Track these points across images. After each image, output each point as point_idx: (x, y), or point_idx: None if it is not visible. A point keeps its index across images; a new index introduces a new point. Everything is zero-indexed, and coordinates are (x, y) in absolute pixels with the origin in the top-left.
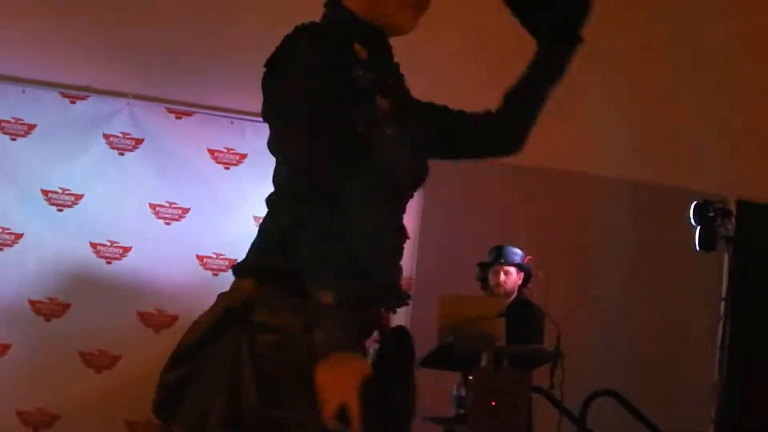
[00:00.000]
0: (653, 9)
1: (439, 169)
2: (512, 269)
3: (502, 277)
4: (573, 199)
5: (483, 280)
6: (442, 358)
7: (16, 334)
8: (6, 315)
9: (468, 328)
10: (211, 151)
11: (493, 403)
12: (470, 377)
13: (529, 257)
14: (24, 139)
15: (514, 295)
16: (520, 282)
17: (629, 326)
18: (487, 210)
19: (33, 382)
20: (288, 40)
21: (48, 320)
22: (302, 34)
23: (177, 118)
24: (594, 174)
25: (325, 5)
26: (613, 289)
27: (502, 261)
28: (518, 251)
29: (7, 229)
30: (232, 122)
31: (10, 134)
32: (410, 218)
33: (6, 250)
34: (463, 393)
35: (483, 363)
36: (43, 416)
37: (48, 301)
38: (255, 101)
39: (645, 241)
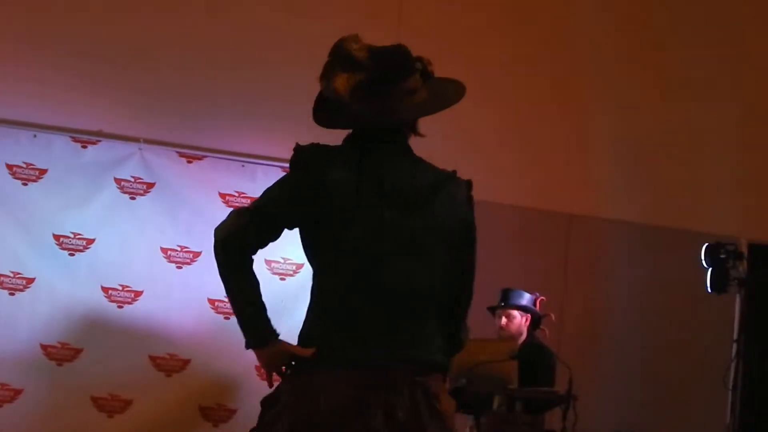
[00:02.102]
0: (662, 56)
1: None
2: (516, 312)
3: (504, 320)
4: (585, 242)
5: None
6: (456, 400)
7: (28, 378)
8: (18, 360)
9: (480, 371)
10: (222, 195)
11: None
12: (482, 420)
13: (541, 298)
14: (35, 183)
15: (523, 337)
16: (526, 324)
17: (641, 368)
18: (500, 252)
19: (45, 427)
20: None
21: (60, 365)
22: None
23: (188, 162)
24: (606, 217)
25: None
26: (625, 331)
27: (503, 304)
28: (525, 294)
29: (19, 273)
30: (243, 166)
31: (22, 179)
32: None
33: (18, 294)
34: None
35: (495, 406)
36: None
37: (60, 345)
38: (266, 145)
39: (657, 283)
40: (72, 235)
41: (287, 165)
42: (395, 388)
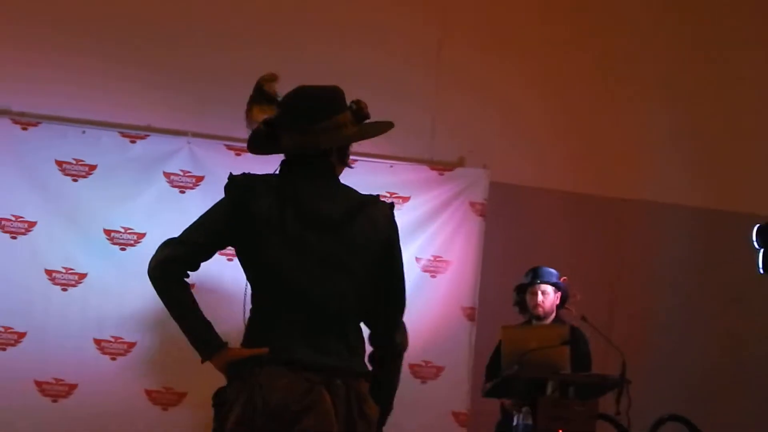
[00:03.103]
0: (719, 39)
1: (500, 198)
2: (549, 289)
3: (540, 297)
4: (635, 226)
5: (520, 303)
6: (507, 388)
7: (82, 373)
8: (72, 355)
9: (532, 357)
10: None
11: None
12: (536, 406)
13: (564, 278)
14: (85, 179)
15: (553, 315)
16: (557, 302)
17: (694, 350)
18: (549, 238)
19: (101, 421)
20: None
21: (113, 359)
22: None
23: (237, 155)
24: (658, 201)
25: None
26: (678, 314)
27: (539, 281)
28: (554, 271)
29: (71, 269)
30: None
31: (72, 175)
32: (471, 247)
33: (70, 290)
34: (530, 422)
35: (549, 392)
36: None
37: (113, 339)
38: None
39: (709, 266)
40: (122, 230)
41: None
42: (336, 387)
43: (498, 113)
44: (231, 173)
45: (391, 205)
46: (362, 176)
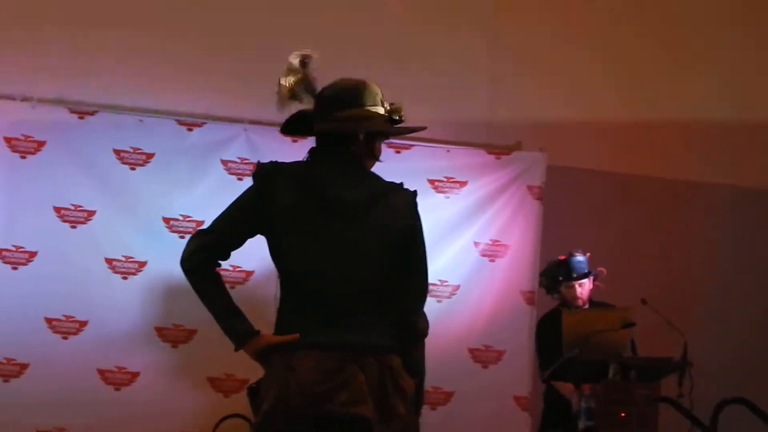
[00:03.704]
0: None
1: (557, 180)
2: (585, 279)
3: (578, 290)
4: (693, 208)
5: (551, 288)
6: (569, 371)
7: (144, 362)
8: (134, 343)
9: (594, 340)
10: None
11: (623, 415)
12: (598, 389)
13: (588, 253)
14: (143, 168)
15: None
16: (591, 287)
17: (756, 332)
18: (606, 221)
19: (162, 408)
20: None
21: (175, 346)
22: None
23: (293, 141)
24: (713, 182)
25: None
26: (738, 294)
27: (575, 276)
28: (584, 258)
29: (131, 257)
30: None
31: (130, 164)
32: (529, 231)
33: (131, 278)
34: (592, 405)
35: (610, 375)
36: None
37: (174, 327)
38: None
39: (761, 245)
40: (181, 218)
41: (393, 142)
42: (363, 362)
43: (555, 95)
44: (258, 161)
45: (414, 193)
46: (419, 161)
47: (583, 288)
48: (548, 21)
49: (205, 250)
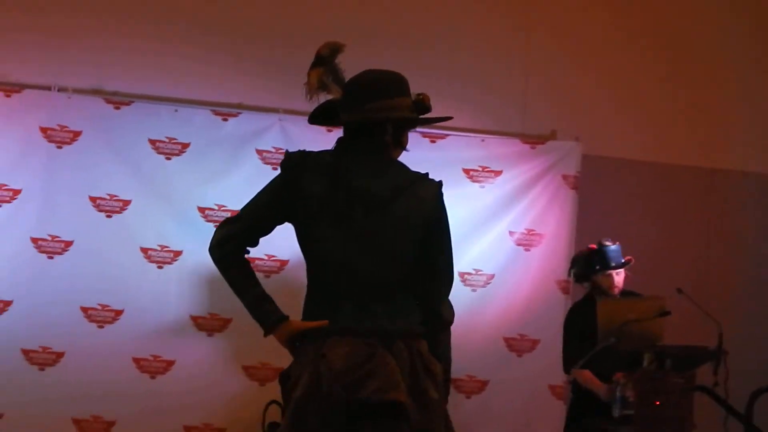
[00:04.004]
0: None
1: (592, 170)
2: (621, 270)
3: (616, 279)
4: (728, 196)
5: (583, 277)
6: (603, 360)
7: (179, 350)
8: (170, 331)
9: (629, 329)
10: None
11: (658, 403)
12: (634, 378)
13: (617, 242)
14: (178, 158)
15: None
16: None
17: None
18: (641, 210)
19: (199, 396)
20: None
21: (210, 335)
22: None
23: (328, 131)
24: (749, 170)
25: None
26: None
27: (614, 265)
28: (617, 248)
29: (166, 247)
30: None
31: (165, 154)
32: (564, 220)
33: (166, 267)
34: (627, 394)
35: (645, 364)
36: (212, 431)
37: (209, 316)
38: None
39: None
40: (216, 207)
41: (427, 131)
42: (393, 348)
43: (590, 84)
44: (287, 150)
45: (440, 184)
46: (454, 151)
47: (620, 277)
48: (584, 8)
49: (234, 237)
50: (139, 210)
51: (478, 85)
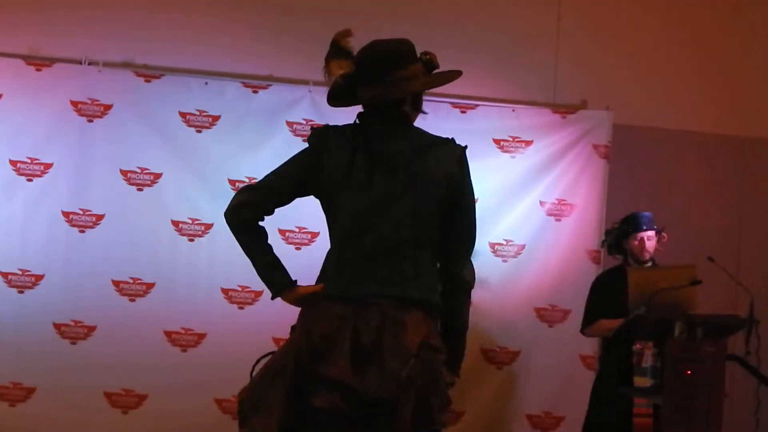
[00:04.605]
0: None
1: (623, 139)
2: (652, 234)
3: (647, 242)
4: (761, 165)
5: (617, 246)
6: (634, 329)
7: (210, 323)
8: (201, 304)
9: (661, 298)
10: None
11: (689, 373)
12: (665, 347)
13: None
14: (209, 130)
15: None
16: (656, 246)
17: None
18: (673, 179)
19: (228, 373)
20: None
21: (241, 308)
22: None
23: None
24: None
25: None
26: None
27: (645, 227)
28: (650, 215)
29: (197, 219)
30: None
31: (195, 126)
32: (595, 190)
33: (197, 240)
34: (658, 364)
35: (676, 333)
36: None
37: (240, 289)
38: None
39: None
40: (247, 180)
41: (457, 101)
42: (367, 318)
43: (620, 53)
44: (312, 126)
45: (464, 148)
46: (485, 121)
47: (651, 241)
48: None
49: (249, 205)
50: (170, 183)
51: (508, 55)
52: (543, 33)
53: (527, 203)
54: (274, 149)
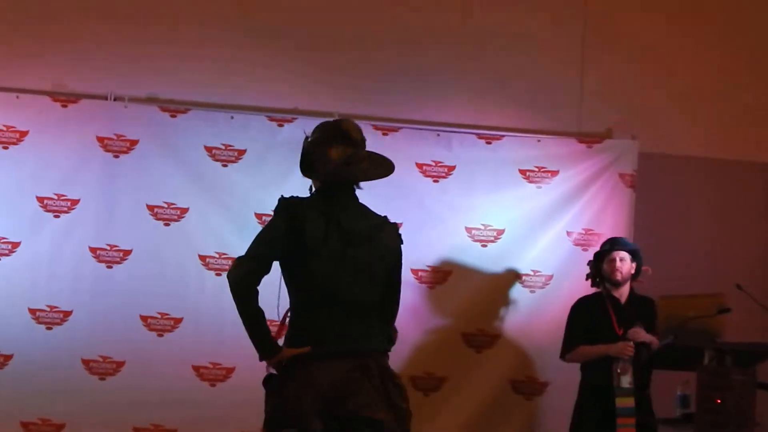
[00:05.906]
0: None
1: (650, 166)
2: (626, 256)
3: (618, 263)
4: None
5: (594, 274)
6: (664, 358)
7: (240, 357)
8: (229, 339)
9: (689, 326)
10: (419, 165)
11: (719, 401)
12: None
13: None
14: (235, 164)
15: (627, 285)
16: (632, 271)
17: None
18: (700, 207)
19: (258, 405)
20: None
21: None
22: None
23: (384, 134)
24: None
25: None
26: None
27: (617, 247)
28: (630, 242)
29: (224, 254)
30: (438, 135)
31: (221, 161)
32: (622, 220)
33: (224, 274)
34: (688, 392)
35: (706, 361)
36: None
37: (268, 323)
38: (458, 113)
39: None
40: (273, 213)
41: (482, 132)
42: (368, 368)
43: (646, 81)
44: (282, 196)
45: (397, 225)
46: (510, 151)
47: (623, 264)
48: (640, 4)
49: (254, 275)
50: (196, 217)
51: (533, 85)
52: (567, 62)
53: (554, 233)
54: (300, 182)
